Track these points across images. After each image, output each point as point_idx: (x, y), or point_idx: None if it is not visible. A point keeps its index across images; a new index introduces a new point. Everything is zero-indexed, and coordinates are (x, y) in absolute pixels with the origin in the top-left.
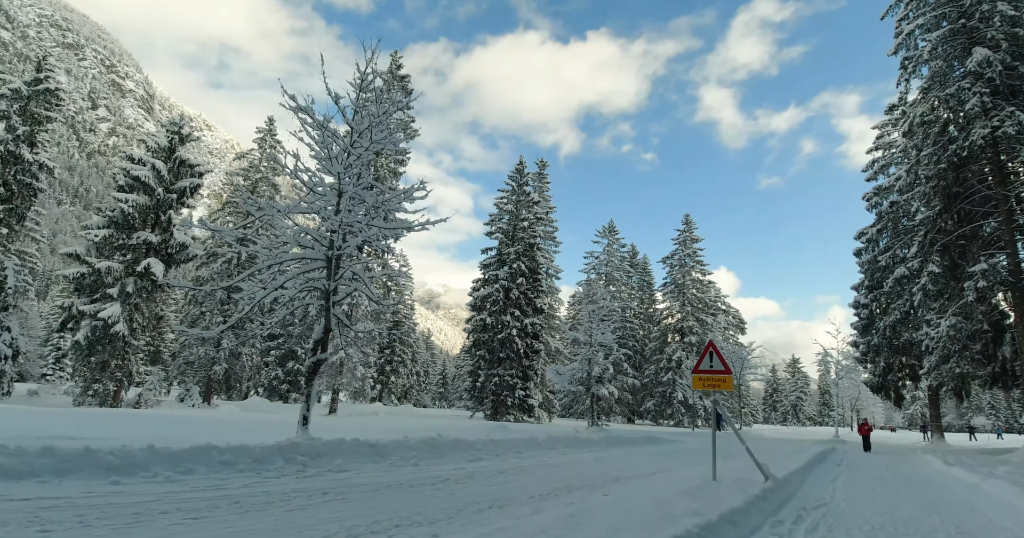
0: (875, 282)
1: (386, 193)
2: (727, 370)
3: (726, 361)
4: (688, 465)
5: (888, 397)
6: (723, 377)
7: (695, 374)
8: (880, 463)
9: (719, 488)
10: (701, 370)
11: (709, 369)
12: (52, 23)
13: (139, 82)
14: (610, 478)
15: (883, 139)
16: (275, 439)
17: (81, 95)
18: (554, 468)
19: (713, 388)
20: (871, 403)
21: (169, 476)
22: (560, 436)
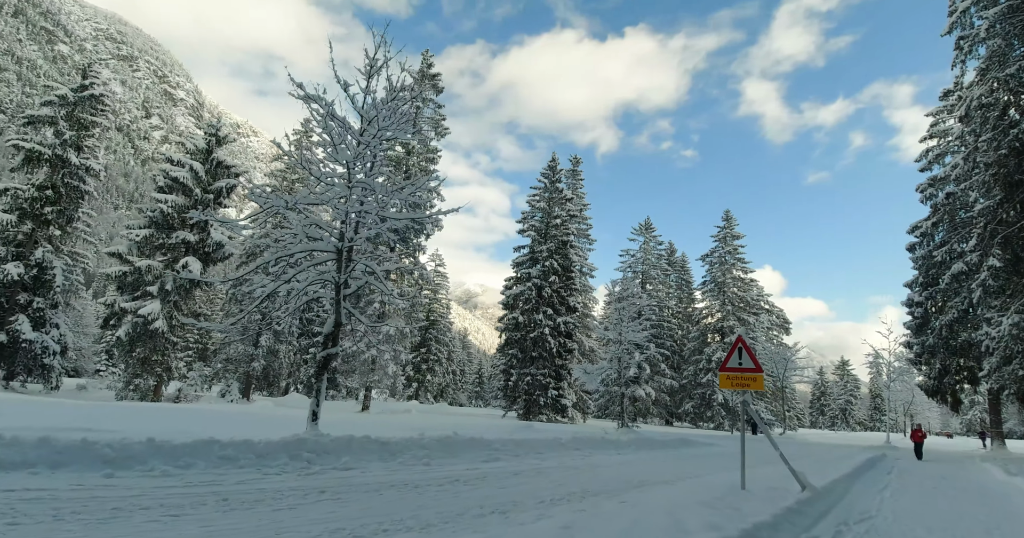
0: (930, 279)
1: (399, 183)
2: (757, 368)
3: (756, 358)
4: (719, 471)
5: (944, 401)
6: (753, 376)
7: (722, 373)
8: (934, 472)
9: (746, 498)
10: (729, 368)
11: (737, 367)
12: (107, 36)
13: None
14: (631, 483)
15: (937, 127)
16: (283, 435)
17: (136, 104)
18: (574, 471)
19: (742, 388)
20: (926, 408)
21: (166, 470)
22: (586, 437)
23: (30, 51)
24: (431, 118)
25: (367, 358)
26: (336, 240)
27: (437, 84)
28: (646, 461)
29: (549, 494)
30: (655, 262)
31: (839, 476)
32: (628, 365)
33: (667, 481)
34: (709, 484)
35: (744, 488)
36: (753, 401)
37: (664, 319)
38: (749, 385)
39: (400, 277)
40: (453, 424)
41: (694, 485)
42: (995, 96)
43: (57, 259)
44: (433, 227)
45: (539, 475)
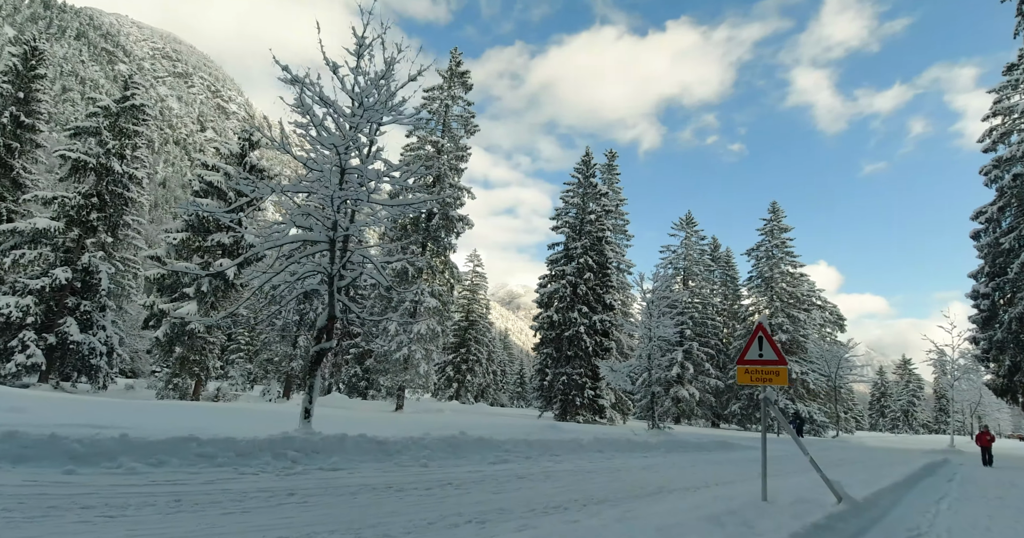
0: (997, 268)
1: (392, 167)
2: (781, 360)
3: (779, 349)
4: (752, 478)
5: (1015, 401)
6: (776, 369)
7: (740, 365)
8: (1002, 479)
9: (765, 512)
10: (748, 360)
11: (758, 359)
12: (164, 55)
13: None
14: (645, 491)
15: (1001, 104)
16: (271, 432)
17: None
18: (588, 475)
19: (764, 382)
20: (994, 408)
21: (133, 467)
22: (611, 439)
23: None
24: (461, 116)
25: (399, 358)
26: (328, 230)
27: (466, 82)
28: (673, 465)
29: (545, 501)
30: (697, 258)
31: (888, 485)
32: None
33: (688, 488)
34: (729, 494)
35: (766, 499)
36: (806, 402)
37: (708, 317)
38: (771, 380)
39: (432, 276)
40: (475, 423)
41: (710, 495)
42: None
43: (103, 264)
44: (464, 225)
45: (546, 479)
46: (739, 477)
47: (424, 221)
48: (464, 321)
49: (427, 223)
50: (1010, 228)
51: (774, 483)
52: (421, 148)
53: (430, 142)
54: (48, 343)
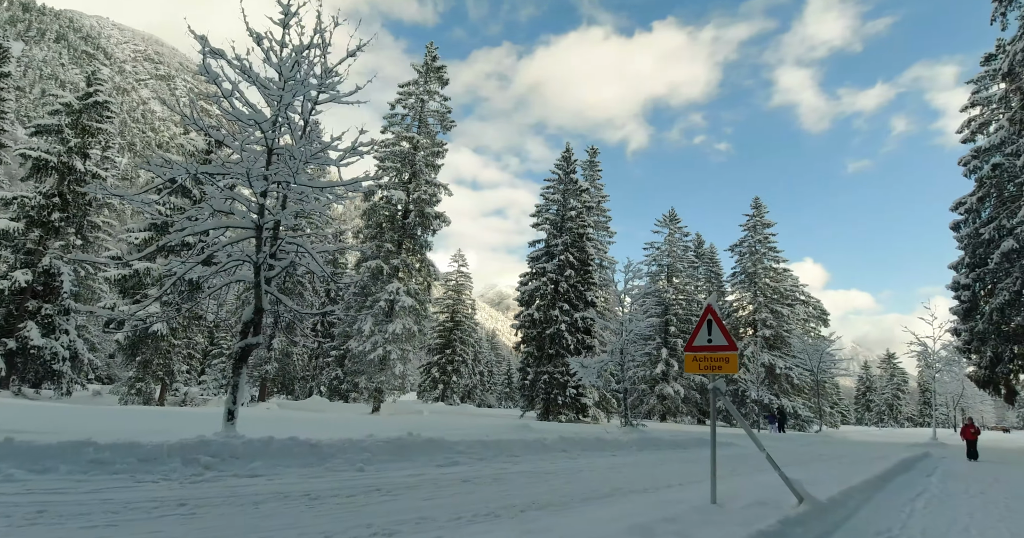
0: (978, 259)
1: (318, 145)
2: (731, 345)
3: (728, 333)
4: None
5: (997, 393)
6: (725, 355)
7: (688, 353)
8: (986, 474)
9: (710, 519)
10: (696, 347)
11: (707, 344)
12: (145, 57)
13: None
14: (599, 493)
15: (980, 94)
16: (188, 436)
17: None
18: (543, 477)
19: (713, 371)
20: (978, 400)
21: (11, 474)
22: (580, 437)
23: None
24: (437, 111)
25: (374, 358)
26: (255, 215)
27: (443, 77)
28: (640, 465)
29: (477, 508)
30: (681, 254)
31: (860, 482)
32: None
33: (645, 489)
34: (679, 497)
35: (716, 502)
36: (791, 397)
37: (693, 313)
38: (721, 367)
39: (408, 274)
40: (445, 424)
41: (657, 499)
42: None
43: (65, 265)
44: (441, 223)
45: (494, 482)
46: (708, 476)
47: (400, 218)
48: (449, 322)
49: (403, 220)
50: (990, 218)
51: (738, 482)
52: (397, 144)
53: (406, 138)
54: (8, 348)
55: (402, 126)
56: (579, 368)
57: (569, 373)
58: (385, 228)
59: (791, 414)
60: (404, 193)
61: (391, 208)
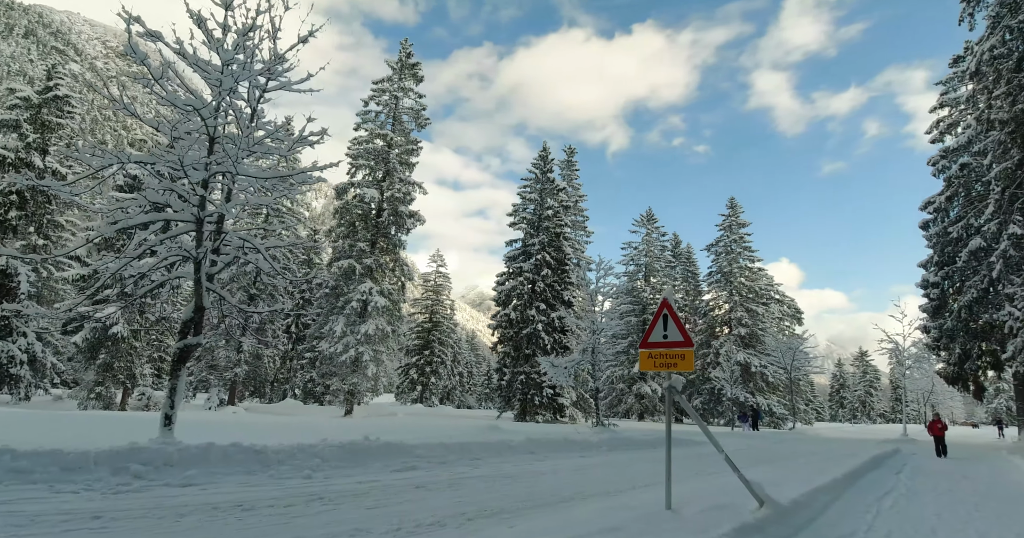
0: (946, 257)
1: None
2: (687, 341)
3: (684, 328)
4: (688, 478)
5: (966, 389)
6: (681, 352)
7: (643, 349)
8: (954, 471)
9: (659, 527)
10: (652, 343)
11: (662, 341)
12: (118, 54)
13: None
14: (558, 497)
15: (949, 95)
16: (120, 443)
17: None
18: (503, 481)
19: (668, 368)
20: (947, 396)
21: None
22: (548, 439)
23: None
24: (411, 109)
25: (346, 360)
26: (196, 207)
27: (417, 74)
28: (607, 466)
29: (422, 518)
30: (658, 254)
31: (827, 481)
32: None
33: (607, 493)
34: (630, 502)
35: (670, 508)
36: (765, 395)
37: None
38: (676, 364)
39: (382, 274)
40: (414, 426)
41: (607, 505)
42: (1008, 47)
43: (23, 265)
44: (415, 222)
45: (449, 488)
46: (680, 476)
47: (374, 217)
48: (427, 322)
49: (377, 219)
50: (957, 217)
51: (701, 484)
52: (370, 142)
53: (379, 136)
54: None
55: (376, 123)
56: (550, 368)
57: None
58: (358, 227)
59: (766, 412)
60: (378, 191)
61: (364, 206)
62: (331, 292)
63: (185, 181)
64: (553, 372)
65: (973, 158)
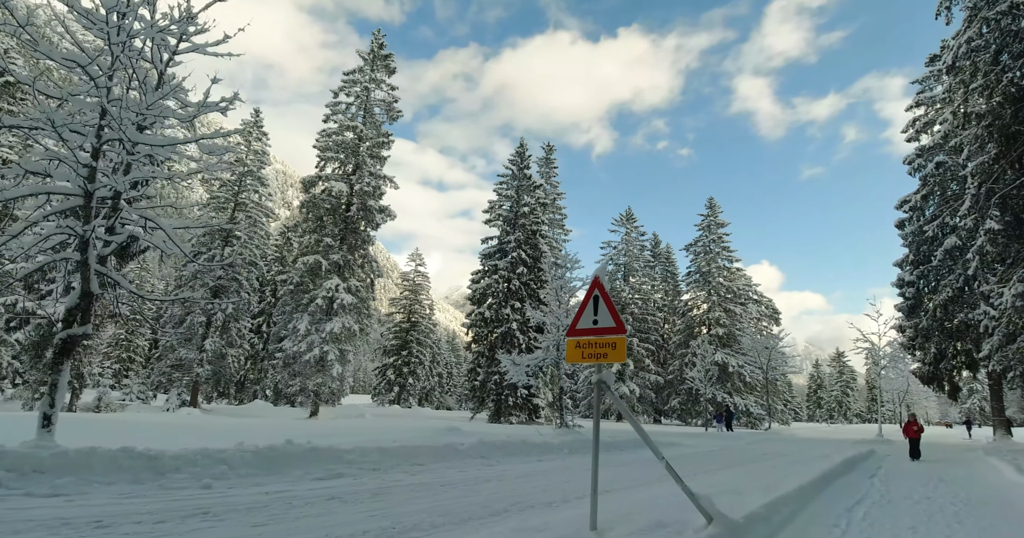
0: (922, 256)
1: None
2: (619, 327)
3: (618, 313)
4: (648, 484)
5: (941, 389)
6: (612, 340)
7: (570, 338)
8: (930, 474)
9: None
10: (580, 330)
11: (592, 327)
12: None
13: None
14: (489, 511)
15: (925, 94)
16: None
17: None
18: (436, 490)
19: (598, 360)
20: (922, 397)
21: None
22: (504, 442)
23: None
24: (383, 101)
25: (310, 359)
26: (83, 179)
27: (389, 65)
28: (561, 471)
29: (317, 535)
30: (638, 254)
31: (793, 488)
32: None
33: (550, 503)
34: (552, 521)
35: (595, 529)
36: (743, 395)
37: (648, 312)
38: (607, 355)
39: (350, 271)
40: (377, 427)
41: (526, 524)
42: (985, 39)
43: None
44: (386, 217)
45: (372, 499)
46: (634, 483)
47: (343, 211)
48: (406, 322)
49: (345, 213)
50: (933, 216)
51: (645, 494)
52: (339, 134)
53: (349, 128)
54: None
55: (346, 115)
56: (511, 366)
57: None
58: (326, 222)
59: (743, 412)
60: (347, 185)
61: (333, 201)
62: (296, 289)
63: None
64: (514, 370)
65: (949, 157)
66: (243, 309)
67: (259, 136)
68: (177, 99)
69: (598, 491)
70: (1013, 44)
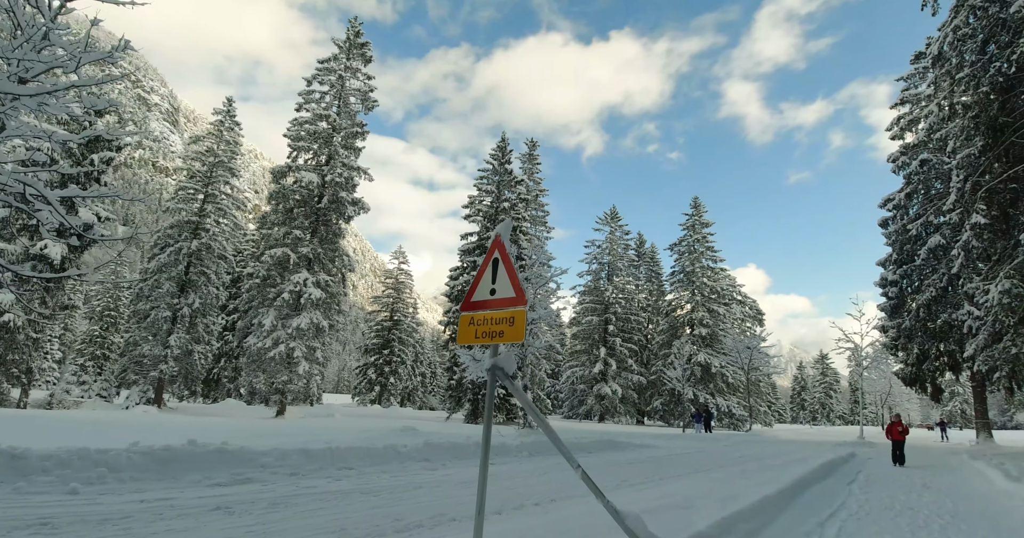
0: (905, 255)
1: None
2: (519, 298)
3: (518, 280)
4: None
5: (923, 390)
6: (509, 314)
7: (464, 313)
8: (913, 480)
9: None
10: (475, 303)
11: (489, 299)
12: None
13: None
14: (395, 527)
15: (909, 92)
16: None
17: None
18: (350, 499)
19: (492, 340)
20: (904, 399)
21: None
22: (454, 443)
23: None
24: (359, 90)
25: (275, 356)
26: None
27: (365, 54)
28: (505, 477)
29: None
30: (622, 253)
31: (754, 500)
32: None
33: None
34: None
35: None
36: (725, 396)
37: (632, 312)
38: (503, 334)
39: (320, 265)
40: (339, 427)
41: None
42: (972, 27)
43: None
44: (359, 209)
45: (268, 510)
46: (579, 492)
47: (314, 203)
48: (388, 321)
49: (317, 205)
50: (917, 215)
51: (582, 508)
52: (313, 123)
53: (323, 117)
54: None
55: (320, 105)
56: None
57: None
58: (296, 213)
59: (725, 413)
60: (318, 176)
61: (304, 192)
62: (262, 283)
63: None
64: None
65: (933, 155)
66: (211, 304)
67: (231, 126)
68: (64, 49)
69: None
70: (1000, 33)
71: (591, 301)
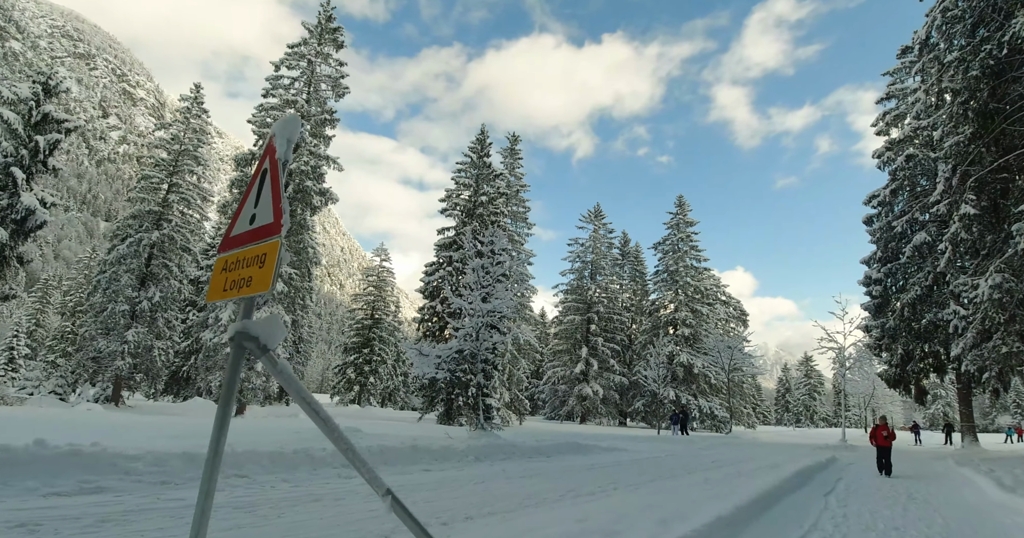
0: (890, 253)
1: None
2: (275, 225)
3: (282, 201)
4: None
5: (907, 392)
6: (261, 252)
7: (220, 254)
8: (897, 489)
9: None
10: (235, 239)
11: (248, 230)
12: (64, 34)
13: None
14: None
15: (895, 86)
16: None
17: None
18: (217, 516)
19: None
20: (888, 401)
21: None
22: (386, 447)
23: None
24: (329, 76)
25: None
26: None
27: (337, 39)
28: (435, 486)
29: None
30: (605, 252)
31: (705, 523)
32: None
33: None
34: None
35: None
36: (708, 397)
37: (615, 312)
38: (251, 281)
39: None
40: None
41: None
42: (961, 8)
43: None
44: (326, 200)
45: (92, 528)
46: (519, 505)
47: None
48: (368, 319)
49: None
50: (902, 212)
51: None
52: (280, 109)
53: (291, 103)
54: None
55: (289, 91)
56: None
57: (472, 372)
58: None
59: (707, 414)
60: None
61: None
62: None
63: None
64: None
65: (920, 150)
66: (172, 298)
67: (199, 113)
68: None
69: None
70: (991, 15)
71: (574, 300)
